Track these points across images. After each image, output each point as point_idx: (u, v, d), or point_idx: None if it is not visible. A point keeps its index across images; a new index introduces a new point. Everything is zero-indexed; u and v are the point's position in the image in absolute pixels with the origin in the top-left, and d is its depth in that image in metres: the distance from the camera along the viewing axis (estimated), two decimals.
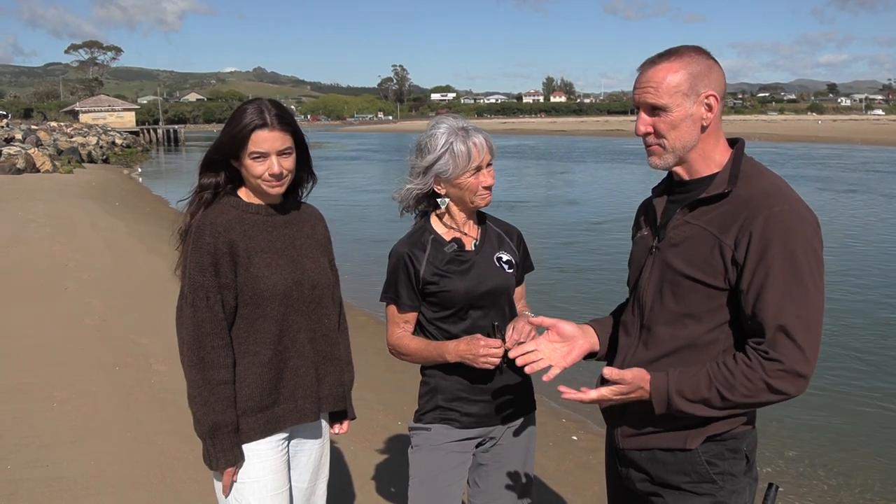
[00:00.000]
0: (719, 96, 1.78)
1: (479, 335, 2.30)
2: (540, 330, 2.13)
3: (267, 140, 2.13)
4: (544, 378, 1.98)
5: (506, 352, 2.28)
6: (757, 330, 1.69)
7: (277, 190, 2.21)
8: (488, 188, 2.37)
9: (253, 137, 2.12)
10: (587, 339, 2.06)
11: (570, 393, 1.78)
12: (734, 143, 1.87)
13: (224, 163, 2.21)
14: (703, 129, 1.79)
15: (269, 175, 2.16)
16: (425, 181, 2.40)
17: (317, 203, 2.48)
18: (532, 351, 1.98)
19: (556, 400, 5.94)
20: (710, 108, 1.77)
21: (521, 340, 2.27)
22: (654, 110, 1.80)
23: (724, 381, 1.70)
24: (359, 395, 2.50)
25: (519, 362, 1.99)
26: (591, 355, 2.10)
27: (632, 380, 1.78)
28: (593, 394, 1.80)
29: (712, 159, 1.83)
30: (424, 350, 2.41)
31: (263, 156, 2.14)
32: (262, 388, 2.19)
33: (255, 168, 2.15)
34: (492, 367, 2.30)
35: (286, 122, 2.17)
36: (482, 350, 2.26)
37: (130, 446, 4.40)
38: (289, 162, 2.19)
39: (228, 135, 2.15)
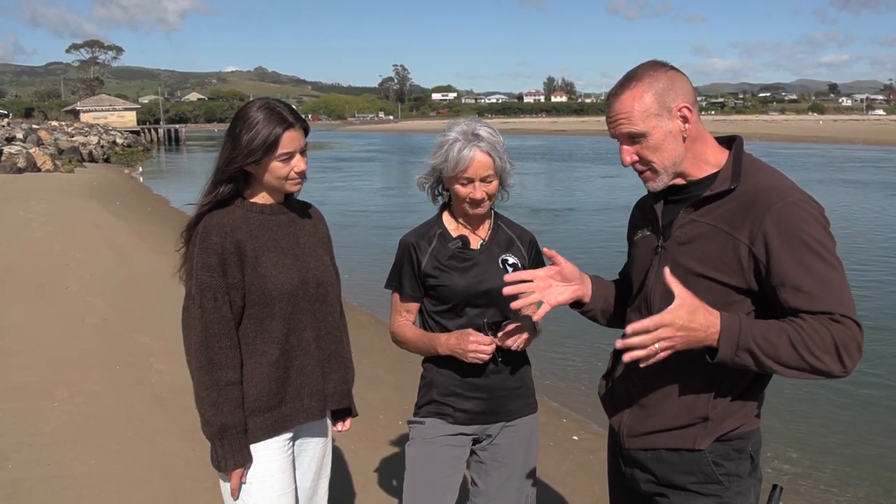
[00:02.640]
0: (691, 105, 1.78)
1: (470, 330, 2.34)
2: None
3: (293, 140, 2.16)
4: (534, 318, 1.96)
5: (498, 349, 2.31)
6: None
7: (299, 187, 2.25)
8: (475, 202, 2.38)
9: (282, 139, 2.13)
10: (582, 287, 2.03)
11: (635, 324, 1.60)
12: (731, 141, 1.88)
13: (241, 169, 2.19)
14: (685, 139, 1.80)
15: (296, 173, 2.19)
16: (433, 176, 2.48)
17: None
18: (529, 281, 1.94)
19: (556, 400, 5.94)
20: (685, 119, 1.78)
21: (510, 345, 2.30)
22: (634, 138, 1.81)
23: (795, 333, 1.61)
24: (360, 394, 2.51)
25: (513, 297, 1.94)
26: (579, 304, 2.08)
27: (692, 299, 1.62)
28: (656, 318, 1.59)
29: (706, 161, 1.83)
30: (419, 340, 2.47)
31: (290, 156, 2.16)
32: (270, 387, 2.19)
33: (281, 169, 2.17)
34: (480, 363, 2.34)
35: (300, 119, 2.20)
36: (471, 346, 2.30)
37: (131, 445, 4.40)
38: (306, 158, 2.23)
39: (256, 141, 2.11)
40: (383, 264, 2.62)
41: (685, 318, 1.59)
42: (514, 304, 1.95)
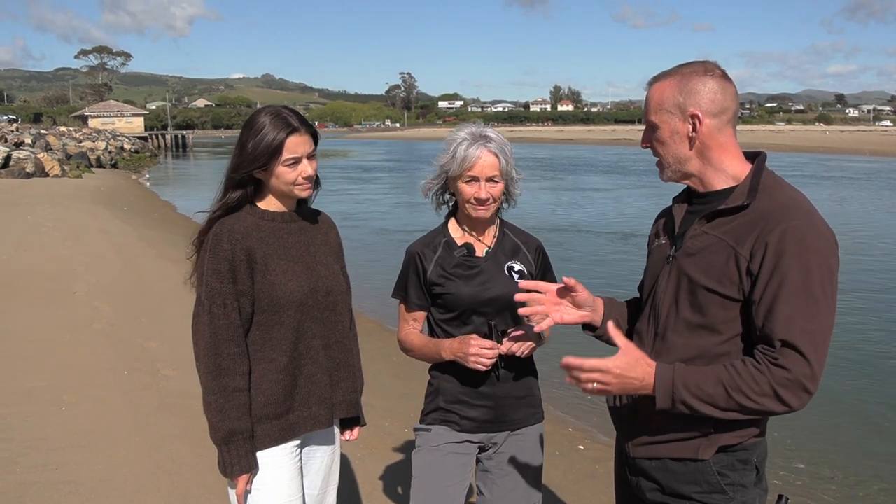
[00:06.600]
0: (704, 114, 1.79)
1: (473, 335, 2.34)
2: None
3: (299, 144, 2.18)
4: (535, 329, 1.99)
5: (500, 360, 2.31)
6: (765, 340, 1.70)
7: (308, 192, 2.27)
8: (480, 201, 2.39)
9: (287, 143, 2.15)
10: (592, 314, 2.04)
11: (571, 358, 1.69)
12: (756, 156, 1.89)
13: (250, 175, 2.21)
14: (693, 144, 1.82)
15: (303, 178, 2.21)
16: (440, 178, 2.50)
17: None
18: (540, 293, 1.97)
19: (562, 409, 5.93)
20: (695, 124, 1.80)
21: (515, 351, 2.31)
22: (651, 126, 1.88)
23: (731, 380, 1.68)
24: (366, 401, 2.52)
25: (522, 303, 1.99)
26: (591, 328, 2.08)
27: (634, 351, 1.72)
28: (594, 361, 1.70)
29: (725, 172, 1.84)
30: (425, 347, 2.48)
31: (297, 160, 2.18)
32: (278, 394, 2.20)
33: (288, 174, 2.18)
34: (483, 369, 2.32)
35: (308, 124, 2.22)
36: (473, 349, 2.29)
37: (138, 450, 4.41)
38: (315, 164, 2.24)
39: (261, 146, 2.14)
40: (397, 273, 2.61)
41: (622, 367, 1.70)
42: (522, 311, 1.98)
